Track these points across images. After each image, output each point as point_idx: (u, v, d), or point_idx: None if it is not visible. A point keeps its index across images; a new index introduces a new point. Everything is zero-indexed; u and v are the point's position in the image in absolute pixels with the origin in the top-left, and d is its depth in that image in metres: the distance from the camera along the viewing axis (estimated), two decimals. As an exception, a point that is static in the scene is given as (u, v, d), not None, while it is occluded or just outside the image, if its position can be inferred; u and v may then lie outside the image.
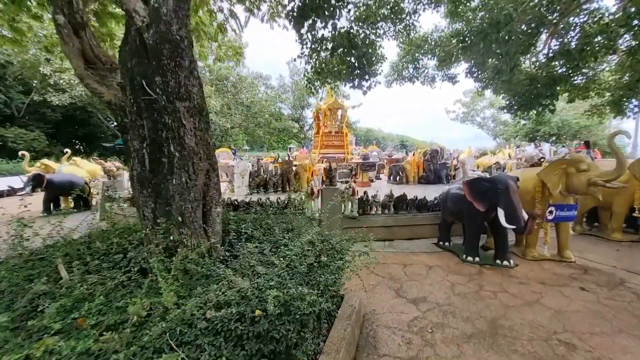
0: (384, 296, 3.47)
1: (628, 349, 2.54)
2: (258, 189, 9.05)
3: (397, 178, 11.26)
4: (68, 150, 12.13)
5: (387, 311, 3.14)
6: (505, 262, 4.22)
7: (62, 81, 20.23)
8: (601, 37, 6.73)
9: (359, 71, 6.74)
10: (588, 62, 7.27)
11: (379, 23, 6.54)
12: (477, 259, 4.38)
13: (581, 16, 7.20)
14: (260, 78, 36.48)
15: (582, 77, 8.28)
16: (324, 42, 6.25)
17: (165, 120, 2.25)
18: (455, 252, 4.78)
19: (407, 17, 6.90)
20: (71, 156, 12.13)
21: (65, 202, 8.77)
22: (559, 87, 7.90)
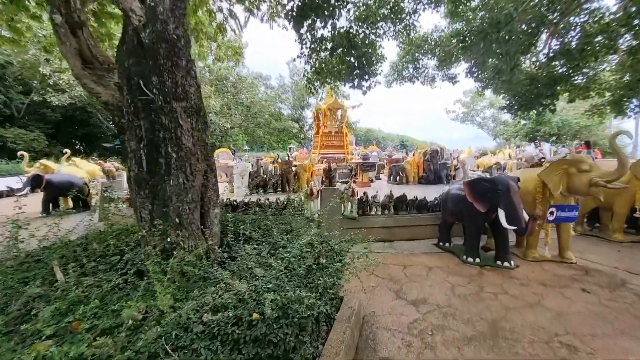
0: (384, 298, 3.45)
1: (630, 350, 2.52)
2: (257, 190, 9.02)
3: (397, 178, 11.23)
4: (67, 150, 12.10)
5: (387, 313, 3.11)
6: (506, 263, 4.20)
7: (61, 81, 20.21)
8: (602, 36, 6.71)
9: (358, 71, 6.72)
10: (588, 61, 7.25)
11: (379, 23, 6.52)
12: (477, 260, 4.35)
13: (582, 16, 7.18)
14: (260, 78, 36.47)
15: (583, 77, 8.25)
16: (324, 42, 6.23)
17: (162, 121, 2.23)
18: (455, 253, 4.75)
19: (407, 17, 6.87)
20: (70, 156, 12.10)
21: (64, 202, 8.75)
22: (559, 87, 7.89)
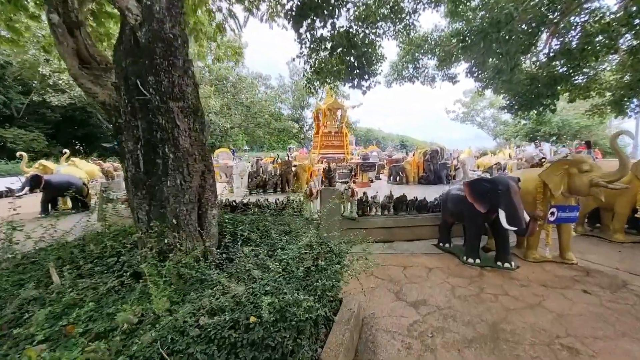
0: (384, 299, 3.42)
1: (632, 353, 2.49)
2: (257, 190, 9.00)
3: (397, 178, 11.20)
4: (66, 150, 12.08)
5: (387, 315, 3.09)
6: (507, 264, 4.17)
7: (61, 81, 20.20)
8: (602, 36, 6.68)
9: (358, 71, 6.69)
10: (589, 61, 7.22)
11: (379, 22, 6.49)
12: (477, 260, 4.33)
13: (582, 15, 7.16)
14: (259, 78, 36.44)
15: (583, 76, 8.23)
16: (323, 41, 6.20)
17: (159, 121, 2.20)
18: (455, 253, 4.72)
19: (407, 17, 6.85)
20: (70, 157, 12.08)
21: (63, 203, 8.73)
22: (559, 86, 7.86)
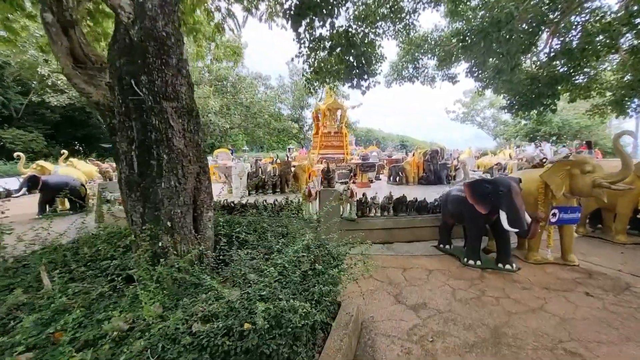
0: (383, 302, 3.37)
1: (636, 358, 2.44)
2: (256, 190, 8.94)
3: (396, 179, 11.15)
4: (65, 151, 12.05)
5: (386, 318, 3.03)
6: (508, 266, 4.12)
7: (60, 82, 20.12)
8: (603, 36, 6.64)
9: (357, 71, 6.64)
10: (590, 61, 7.19)
11: (378, 22, 6.45)
12: (478, 262, 4.27)
13: (583, 15, 7.12)
14: (259, 78, 36.36)
15: (584, 76, 8.20)
16: (322, 41, 6.15)
17: (153, 122, 2.15)
18: (456, 255, 4.67)
19: (407, 16, 6.82)
20: (68, 157, 12.04)
21: (61, 204, 8.67)
22: (560, 86, 7.82)
